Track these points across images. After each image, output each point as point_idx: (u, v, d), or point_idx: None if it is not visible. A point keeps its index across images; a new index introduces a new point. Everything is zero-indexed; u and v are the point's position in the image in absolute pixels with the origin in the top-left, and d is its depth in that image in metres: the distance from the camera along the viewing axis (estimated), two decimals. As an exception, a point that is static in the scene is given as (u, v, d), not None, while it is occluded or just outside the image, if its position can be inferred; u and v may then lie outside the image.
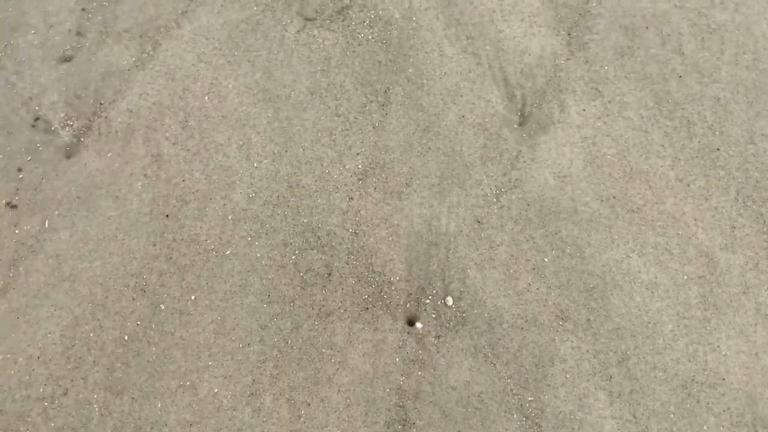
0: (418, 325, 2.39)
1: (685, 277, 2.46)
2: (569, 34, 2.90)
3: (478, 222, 2.57)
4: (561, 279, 2.47)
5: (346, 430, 2.27)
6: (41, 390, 2.33)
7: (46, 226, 2.57)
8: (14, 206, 2.61)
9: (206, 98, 2.81)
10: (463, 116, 2.76)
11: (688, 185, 2.60)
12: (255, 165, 2.68)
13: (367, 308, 2.45)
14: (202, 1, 3.01)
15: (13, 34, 2.93)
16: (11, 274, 2.49)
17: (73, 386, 2.33)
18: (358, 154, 2.70)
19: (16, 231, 2.57)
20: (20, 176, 2.67)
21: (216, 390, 2.33)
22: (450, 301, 2.45)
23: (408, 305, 2.45)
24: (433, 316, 2.43)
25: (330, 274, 2.50)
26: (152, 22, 2.95)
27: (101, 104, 2.80)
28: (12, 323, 2.42)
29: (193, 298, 2.46)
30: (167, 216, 2.59)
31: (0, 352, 2.37)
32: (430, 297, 2.46)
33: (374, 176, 2.66)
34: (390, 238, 2.56)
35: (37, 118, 2.78)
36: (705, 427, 2.25)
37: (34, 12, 2.98)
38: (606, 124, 2.72)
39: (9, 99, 2.81)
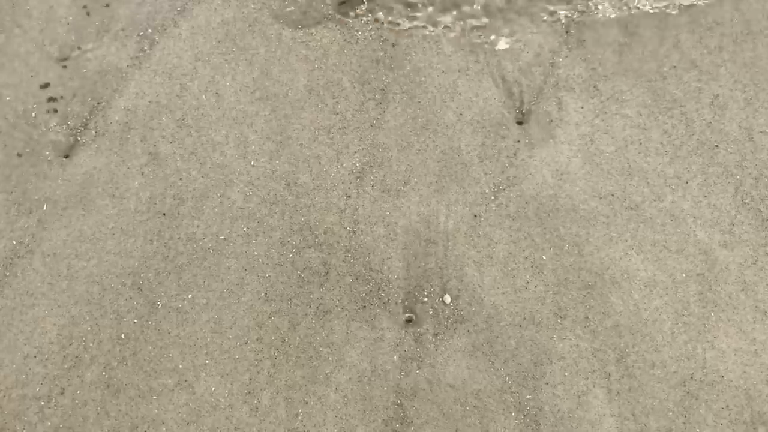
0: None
1: (684, 275, 2.45)
2: (567, 32, 2.90)
3: (476, 219, 2.56)
4: (559, 277, 2.47)
5: (344, 428, 2.26)
6: (38, 389, 2.32)
7: (43, 224, 2.57)
8: (11, 203, 2.60)
9: (203, 96, 2.80)
10: (461, 114, 2.75)
11: (687, 182, 2.60)
12: (252, 163, 2.68)
13: (365, 306, 2.44)
14: (200, -1, 3.00)
15: (10, 32, 2.93)
16: (8, 273, 2.49)
17: (70, 385, 2.33)
18: (355, 152, 2.69)
19: (13, 229, 2.56)
20: (17, 174, 2.67)
21: (213, 388, 2.32)
22: (448, 299, 2.44)
23: (406, 303, 2.45)
24: (431, 314, 2.42)
25: (327, 272, 2.50)
26: (150, 21, 2.95)
27: (98, 103, 2.79)
28: (8, 322, 2.42)
29: (190, 296, 2.46)
30: (164, 214, 2.59)
31: (-4, 351, 2.37)
32: (428, 295, 2.45)
33: (372, 174, 2.65)
34: (388, 236, 2.55)
35: (34, 117, 2.77)
36: (704, 425, 2.24)
37: (33, 10, 2.98)
38: (604, 122, 2.71)
39: (6, 97, 2.81)
